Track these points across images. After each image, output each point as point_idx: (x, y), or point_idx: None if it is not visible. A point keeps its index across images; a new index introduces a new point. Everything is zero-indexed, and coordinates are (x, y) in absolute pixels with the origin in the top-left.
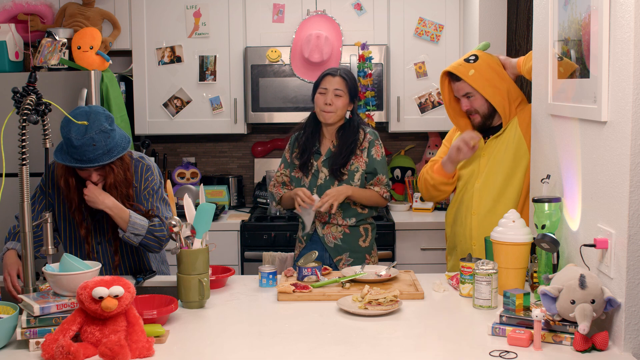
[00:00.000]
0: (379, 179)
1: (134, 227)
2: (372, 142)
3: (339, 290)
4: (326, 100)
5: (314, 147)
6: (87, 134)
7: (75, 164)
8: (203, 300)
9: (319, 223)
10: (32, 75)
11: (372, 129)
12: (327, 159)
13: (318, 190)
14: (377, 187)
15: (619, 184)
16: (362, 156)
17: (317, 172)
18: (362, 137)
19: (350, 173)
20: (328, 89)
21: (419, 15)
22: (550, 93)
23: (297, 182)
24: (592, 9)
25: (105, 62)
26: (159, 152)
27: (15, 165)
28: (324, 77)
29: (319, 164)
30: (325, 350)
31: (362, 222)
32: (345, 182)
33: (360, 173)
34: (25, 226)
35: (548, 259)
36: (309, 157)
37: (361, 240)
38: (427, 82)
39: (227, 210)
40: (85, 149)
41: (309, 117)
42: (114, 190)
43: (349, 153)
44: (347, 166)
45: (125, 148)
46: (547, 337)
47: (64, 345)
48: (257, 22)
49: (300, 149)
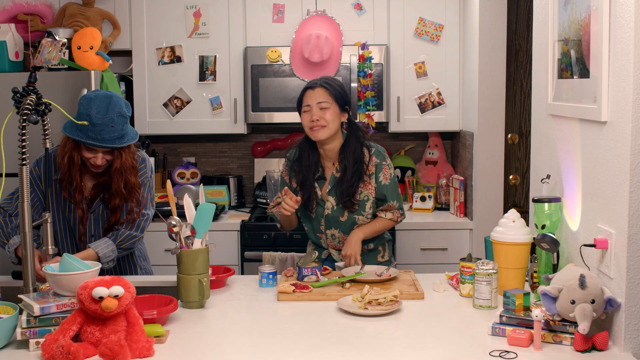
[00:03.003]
0: (389, 205)
1: (106, 257)
2: (378, 165)
3: (339, 290)
4: (312, 117)
5: (316, 174)
6: (108, 114)
7: (88, 140)
8: (203, 300)
9: (334, 251)
10: (32, 75)
11: (377, 148)
12: (333, 188)
13: (326, 222)
14: (389, 213)
15: (619, 184)
16: (371, 182)
17: (322, 202)
18: (367, 159)
19: (360, 203)
20: (311, 105)
21: (419, 15)
22: (550, 93)
23: (301, 211)
24: (592, 9)
25: (105, 62)
26: (159, 152)
27: (15, 165)
28: (303, 94)
29: (323, 194)
30: (325, 350)
31: (379, 242)
32: (357, 213)
33: (371, 202)
34: (25, 226)
35: (548, 259)
36: (311, 190)
37: (379, 256)
38: (427, 82)
39: (227, 210)
40: (103, 128)
41: (303, 139)
42: (118, 175)
43: (357, 179)
44: (356, 195)
45: (134, 138)
46: (547, 337)
47: (64, 345)
48: (257, 22)
49: (298, 181)
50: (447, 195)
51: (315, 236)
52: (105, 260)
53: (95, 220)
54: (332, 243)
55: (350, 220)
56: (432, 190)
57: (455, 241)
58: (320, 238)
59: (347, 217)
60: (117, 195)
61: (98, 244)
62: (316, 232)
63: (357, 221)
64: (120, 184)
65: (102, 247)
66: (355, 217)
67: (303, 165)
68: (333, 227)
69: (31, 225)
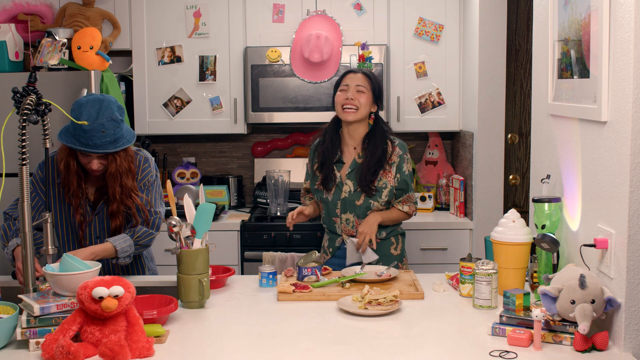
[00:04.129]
0: (409, 196)
1: (123, 251)
2: (402, 156)
3: (339, 290)
4: (347, 95)
5: (335, 156)
6: (98, 119)
7: (81, 147)
8: (203, 300)
9: (346, 236)
10: (32, 75)
11: (400, 141)
12: (353, 171)
13: (342, 205)
14: (405, 206)
15: (619, 184)
16: (391, 171)
17: (340, 185)
18: (390, 149)
19: (378, 189)
20: (349, 85)
21: (419, 15)
22: (550, 93)
23: (319, 195)
24: (592, 9)
25: (105, 62)
26: (159, 152)
27: (15, 165)
28: (345, 75)
29: (342, 176)
30: (325, 350)
31: (392, 232)
32: (373, 198)
33: (389, 190)
34: (25, 226)
35: (548, 259)
36: (330, 169)
37: (392, 248)
38: (427, 82)
39: (227, 210)
40: (94, 134)
41: (329, 123)
42: (113, 180)
43: (378, 166)
44: (375, 182)
45: (130, 141)
46: (547, 337)
47: (64, 345)
48: (257, 22)
49: (320, 159)
50: (447, 195)
51: (330, 220)
52: (122, 254)
53: (100, 222)
54: (346, 228)
55: (365, 204)
56: (432, 190)
57: (455, 241)
58: (335, 222)
59: (362, 201)
60: (114, 201)
61: (116, 239)
62: (331, 215)
63: (372, 206)
64: (116, 188)
65: (119, 241)
66: (371, 203)
67: (325, 147)
68: (348, 211)
69: (31, 225)
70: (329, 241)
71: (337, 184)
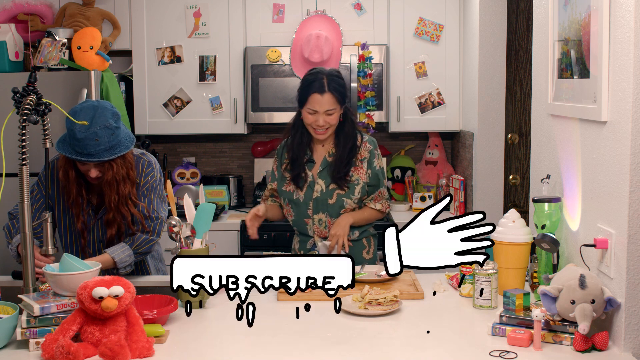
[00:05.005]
0: (380, 192)
1: (122, 262)
2: (372, 151)
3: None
4: (318, 122)
5: (305, 156)
6: (90, 128)
7: (76, 156)
8: (203, 300)
9: (318, 238)
10: (32, 75)
11: (370, 136)
12: (325, 169)
13: (314, 205)
14: (378, 204)
15: (619, 184)
16: (362, 167)
17: (312, 184)
18: (359, 143)
19: (350, 185)
20: (318, 111)
21: (419, 15)
22: (550, 93)
23: (288, 197)
24: (592, 9)
25: (105, 62)
26: (159, 152)
27: (15, 165)
28: (310, 95)
29: (314, 175)
30: (325, 350)
31: (364, 233)
32: (346, 195)
33: (361, 186)
34: (25, 226)
35: (548, 259)
36: (301, 168)
37: (365, 252)
38: (427, 82)
39: (227, 210)
40: (87, 142)
41: (294, 120)
42: (110, 188)
43: (351, 157)
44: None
45: (127, 147)
46: (547, 337)
47: (64, 345)
48: (257, 22)
49: (289, 157)
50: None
51: (301, 222)
52: (121, 265)
53: (103, 227)
54: (318, 229)
55: (338, 203)
56: (432, 190)
57: None
58: (307, 224)
59: (335, 199)
60: (110, 210)
61: (114, 249)
62: (303, 217)
63: (344, 205)
64: (112, 196)
65: (118, 252)
66: (344, 200)
67: (295, 144)
68: (321, 211)
69: (31, 225)
70: (300, 243)
71: (309, 183)
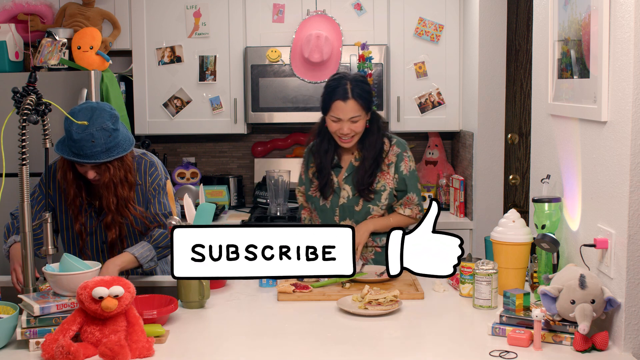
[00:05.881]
0: (409, 198)
1: (145, 259)
2: (399, 155)
3: (339, 290)
4: (342, 131)
5: (332, 161)
6: (87, 129)
7: (73, 157)
8: (203, 300)
9: None
10: (32, 75)
11: (398, 139)
12: (350, 175)
13: (341, 211)
14: (407, 209)
15: (619, 184)
16: (389, 172)
17: (338, 190)
18: (387, 147)
19: (376, 193)
20: (342, 119)
21: (419, 15)
22: (550, 93)
23: (315, 202)
24: (592, 9)
25: (105, 62)
26: (159, 152)
27: (15, 165)
28: (332, 103)
29: (340, 181)
30: (325, 350)
31: None
32: (372, 202)
33: (388, 192)
34: (25, 226)
35: (548, 259)
36: (328, 174)
37: None
38: (427, 82)
39: (227, 210)
40: (84, 144)
41: (320, 124)
42: (107, 190)
43: (375, 167)
44: (373, 184)
45: (126, 149)
46: (547, 337)
47: (64, 345)
48: (257, 22)
49: (316, 164)
50: (447, 195)
51: None
52: (144, 260)
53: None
54: None
55: (364, 210)
56: (432, 190)
57: None
58: None
59: (361, 206)
60: (109, 212)
61: (133, 247)
62: (330, 223)
63: (371, 211)
64: (110, 199)
65: (137, 248)
66: (370, 207)
67: (321, 151)
68: (347, 218)
69: (31, 225)
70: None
71: (335, 189)
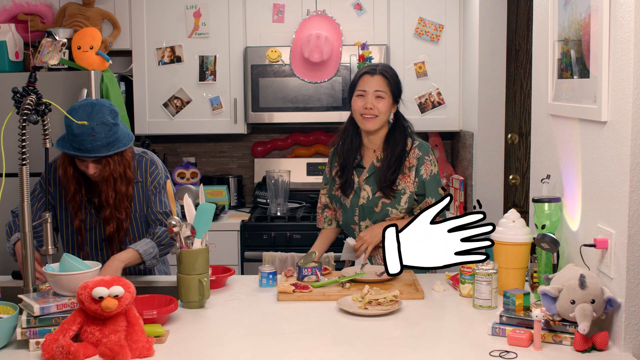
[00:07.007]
0: (427, 203)
1: (148, 256)
2: (420, 158)
3: (339, 290)
4: (366, 104)
5: (355, 161)
6: (88, 123)
7: (74, 152)
8: (203, 300)
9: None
10: (32, 75)
11: (421, 142)
12: (371, 176)
13: (360, 211)
14: None
15: (619, 184)
16: (410, 175)
17: (359, 190)
18: (408, 148)
19: (397, 195)
20: (367, 91)
21: (419, 15)
22: (550, 93)
23: (338, 201)
24: (592, 9)
25: (105, 62)
26: (159, 152)
27: (15, 165)
28: (360, 77)
29: (360, 181)
30: (325, 350)
31: None
32: (391, 204)
33: (408, 195)
34: (25, 226)
35: (548, 259)
36: (350, 173)
37: None
38: (427, 82)
39: (227, 210)
40: (84, 138)
41: (347, 123)
42: (107, 184)
43: (398, 165)
44: (395, 184)
45: (126, 145)
46: (547, 337)
47: (64, 345)
48: (257, 22)
49: (339, 164)
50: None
51: (349, 227)
52: (147, 257)
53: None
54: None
55: (383, 212)
56: None
57: None
58: (354, 230)
59: (381, 208)
60: (107, 207)
61: (137, 244)
62: (350, 222)
63: (390, 214)
64: (109, 193)
65: (140, 244)
66: (389, 210)
67: (345, 149)
68: (367, 218)
69: (31, 225)
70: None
71: (355, 189)
